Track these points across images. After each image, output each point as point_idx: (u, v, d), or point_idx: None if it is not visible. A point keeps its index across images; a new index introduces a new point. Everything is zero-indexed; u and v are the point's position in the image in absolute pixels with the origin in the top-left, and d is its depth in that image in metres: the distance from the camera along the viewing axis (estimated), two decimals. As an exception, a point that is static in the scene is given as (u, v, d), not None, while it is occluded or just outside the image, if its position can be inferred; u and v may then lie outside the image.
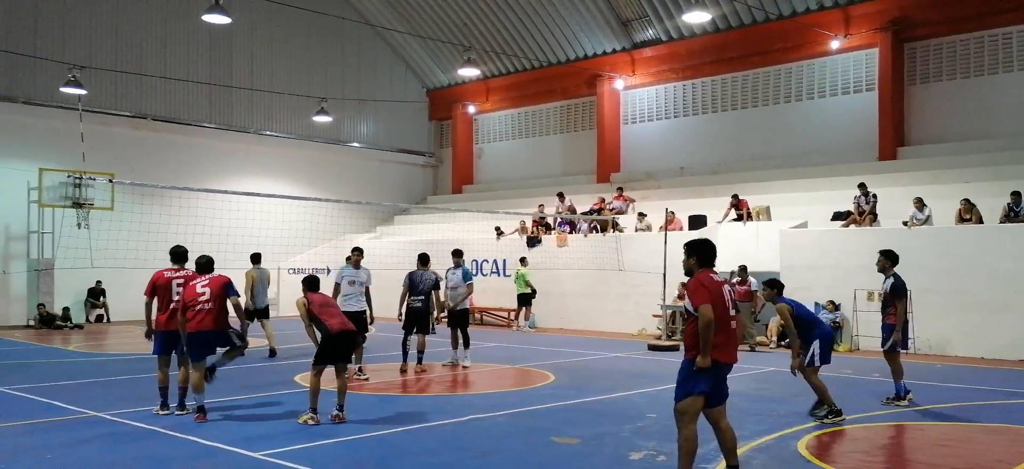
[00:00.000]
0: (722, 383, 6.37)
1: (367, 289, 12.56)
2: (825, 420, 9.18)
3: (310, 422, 8.84)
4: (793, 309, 9.59)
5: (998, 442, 8.75)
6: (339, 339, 9.12)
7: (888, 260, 10.69)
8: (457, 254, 14.22)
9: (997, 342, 15.71)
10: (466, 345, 13.83)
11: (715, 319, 6.07)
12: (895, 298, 10.51)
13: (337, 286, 12.34)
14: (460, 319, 13.84)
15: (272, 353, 15.05)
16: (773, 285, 9.94)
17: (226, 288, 9.23)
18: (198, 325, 9.00)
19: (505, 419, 9.45)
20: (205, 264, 9.47)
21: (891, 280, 10.61)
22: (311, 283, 9.68)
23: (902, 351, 10.71)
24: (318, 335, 9.24)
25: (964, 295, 16.11)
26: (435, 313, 13.48)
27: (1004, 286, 15.73)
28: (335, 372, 9.33)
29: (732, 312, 6.32)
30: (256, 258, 15.59)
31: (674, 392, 6.32)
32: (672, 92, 26.54)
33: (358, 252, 12.79)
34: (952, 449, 8.39)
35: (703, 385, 6.18)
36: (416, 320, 13.20)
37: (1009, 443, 8.69)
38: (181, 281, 9.25)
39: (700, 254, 6.42)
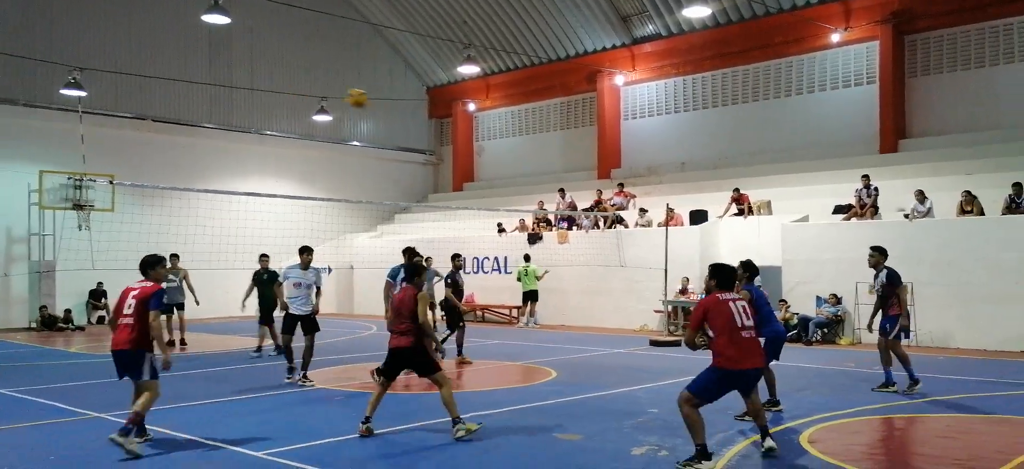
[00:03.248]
0: (750, 385, 7.35)
1: (318, 288, 12.13)
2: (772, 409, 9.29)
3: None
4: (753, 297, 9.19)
5: (1000, 433, 8.75)
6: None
7: (880, 255, 11.01)
8: (412, 254, 13.16)
9: (999, 334, 15.69)
10: None
11: (726, 332, 7.01)
12: (894, 288, 10.78)
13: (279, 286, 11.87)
14: None
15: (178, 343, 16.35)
16: (747, 268, 9.44)
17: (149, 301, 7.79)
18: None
19: (508, 416, 9.45)
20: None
21: (884, 272, 10.90)
22: None
23: (905, 340, 10.88)
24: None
25: (966, 287, 16.09)
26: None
27: (1006, 278, 15.71)
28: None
29: (744, 323, 7.11)
30: (175, 257, 16.61)
31: (691, 381, 7.15)
32: (672, 87, 26.51)
33: (307, 252, 12.17)
34: (954, 440, 8.39)
35: (711, 399, 7.13)
36: None
37: (1011, 434, 8.69)
38: (137, 292, 7.82)
39: (719, 278, 7.37)
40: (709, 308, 7.16)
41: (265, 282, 15.13)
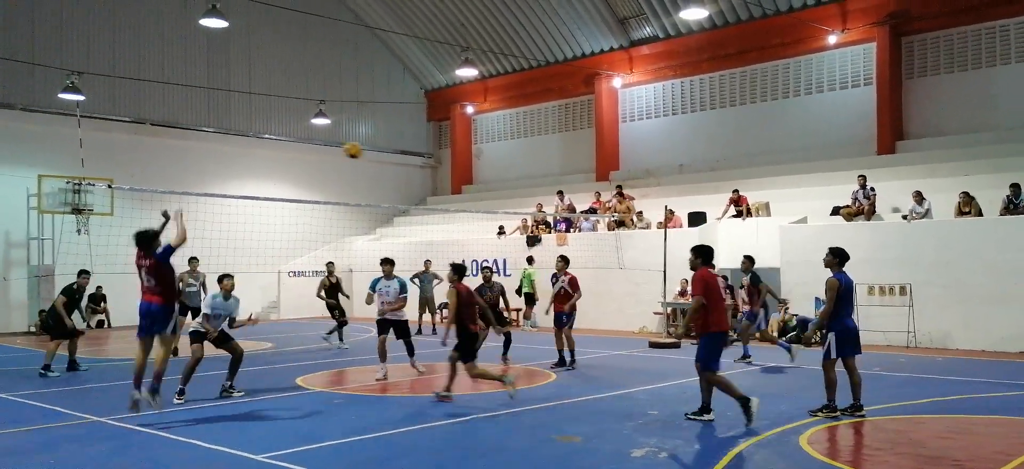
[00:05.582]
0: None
1: (233, 318, 11.30)
2: (818, 414, 9.25)
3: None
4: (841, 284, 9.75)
5: (999, 434, 8.77)
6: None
7: (749, 261, 13.79)
8: (389, 263, 13.10)
9: (997, 334, 15.71)
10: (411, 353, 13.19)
11: (710, 302, 8.78)
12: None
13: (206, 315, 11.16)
14: (403, 329, 13.08)
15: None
16: (836, 255, 10.16)
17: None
18: None
19: (507, 418, 9.46)
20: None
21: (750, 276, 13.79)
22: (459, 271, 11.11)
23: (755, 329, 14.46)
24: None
25: (964, 288, 16.11)
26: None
27: (1004, 278, 15.72)
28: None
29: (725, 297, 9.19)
30: (194, 261, 16.38)
31: (702, 362, 8.94)
32: (670, 89, 26.54)
33: (230, 280, 11.21)
34: (953, 441, 8.40)
35: (716, 363, 8.94)
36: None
37: (1010, 435, 8.71)
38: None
39: (704, 256, 9.10)
40: (707, 281, 8.96)
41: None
